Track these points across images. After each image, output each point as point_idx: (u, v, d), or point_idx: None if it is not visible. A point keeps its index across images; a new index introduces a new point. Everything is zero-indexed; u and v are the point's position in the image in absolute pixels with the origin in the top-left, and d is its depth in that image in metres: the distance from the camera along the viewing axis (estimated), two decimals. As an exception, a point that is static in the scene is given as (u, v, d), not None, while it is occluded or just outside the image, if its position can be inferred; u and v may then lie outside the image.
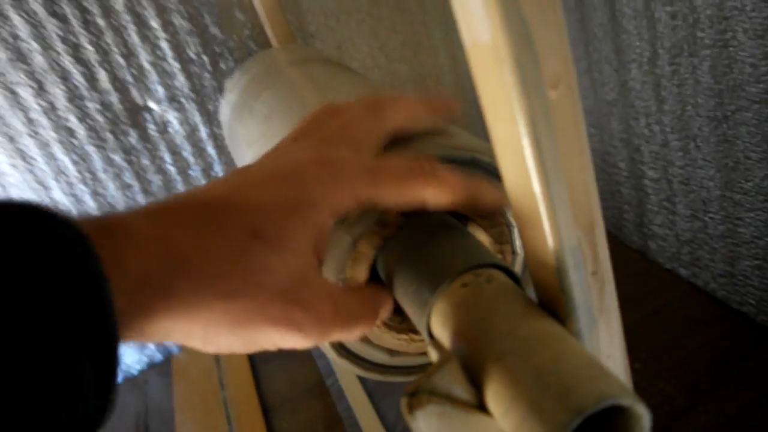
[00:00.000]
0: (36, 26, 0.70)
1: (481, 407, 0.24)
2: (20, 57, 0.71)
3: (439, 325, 0.26)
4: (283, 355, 0.78)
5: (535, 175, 0.21)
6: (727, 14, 0.48)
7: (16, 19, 0.69)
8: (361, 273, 0.32)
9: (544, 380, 0.21)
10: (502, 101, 0.20)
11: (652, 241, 0.74)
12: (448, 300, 0.26)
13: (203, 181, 0.85)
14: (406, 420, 0.23)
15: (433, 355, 0.26)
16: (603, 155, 0.75)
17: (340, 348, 0.34)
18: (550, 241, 0.23)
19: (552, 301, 0.25)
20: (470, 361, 0.24)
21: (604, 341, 0.26)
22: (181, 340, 0.22)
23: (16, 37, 0.70)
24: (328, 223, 0.26)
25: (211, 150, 0.83)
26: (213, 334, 0.22)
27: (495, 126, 0.22)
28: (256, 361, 0.83)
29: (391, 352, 0.35)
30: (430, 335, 0.26)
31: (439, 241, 0.29)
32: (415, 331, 0.35)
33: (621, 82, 0.65)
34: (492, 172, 0.32)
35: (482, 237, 0.33)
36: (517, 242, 0.35)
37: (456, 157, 0.31)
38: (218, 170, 0.85)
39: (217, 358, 0.86)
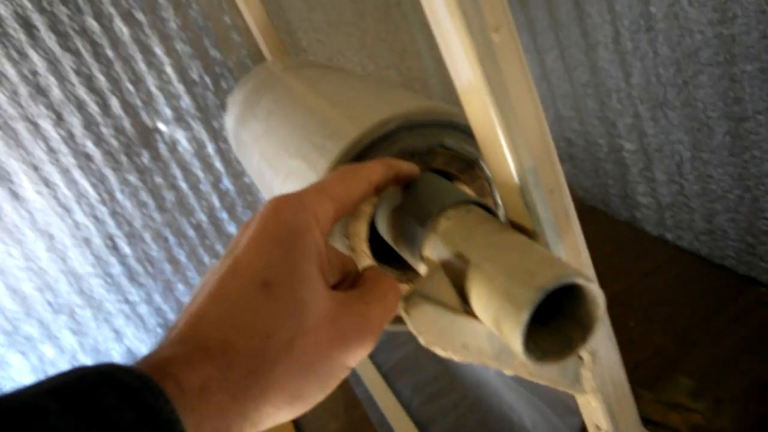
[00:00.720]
0: (52, 62, 0.77)
1: (466, 312, 0.29)
2: (39, 91, 0.77)
3: (429, 251, 0.31)
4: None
5: (492, 108, 0.27)
6: (673, -12, 0.54)
7: (35, 57, 0.76)
8: (362, 228, 0.37)
9: (513, 274, 0.26)
10: (457, 48, 0.25)
11: (637, 210, 0.79)
12: (435, 230, 0.31)
13: (213, 195, 0.90)
14: (404, 318, 0.28)
15: (423, 270, 0.31)
16: (584, 135, 0.80)
17: None
18: (511, 164, 0.28)
19: (520, 219, 0.30)
20: (456, 276, 0.29)
21: (569, 252, 0.31)
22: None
23: (35, 73, 0.76)
24: (322, 241, 0.26)
25: (218, 164, 0.89)
26: (285, 416, 0.24)
27: (457, 77, 0.27)
28: None
29: None
30: (421, 258, 0.31)
31: (425, 189, 0.34)
32: (410, 278, 0.39)
33: (591, 64, 0.71)
34: (466, 131, 0.37)
35: (466, 191, 0.38)
36: (498, 196, 0.40)
37: (436, 120, 0.36)
38: (227, 183, 0.90)
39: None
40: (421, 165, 0.36)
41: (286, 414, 0.24)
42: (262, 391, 0.23)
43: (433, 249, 0.30)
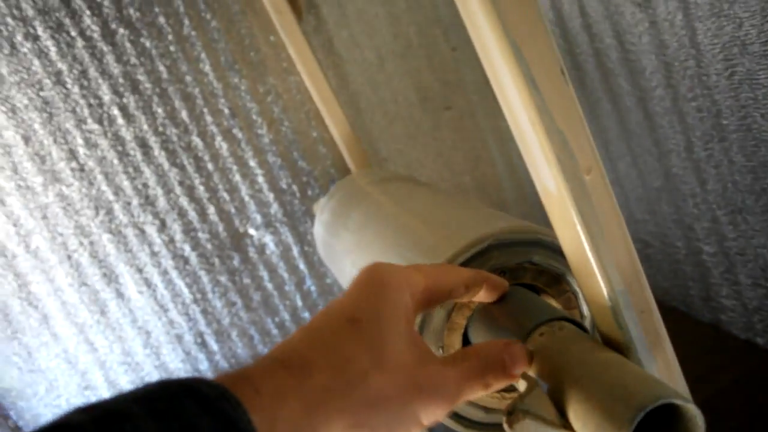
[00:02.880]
0: (161, 176, 0.86)
1: (566, 428, 0.30)
2: (148, 202, 0.86)
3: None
4: None
5: (584, 237, 0.29)
6: (743, 103, 0.57)
7: (147, 172, 0.85)
8: (456, 340, 0.40)
9: (612, 392, 0.28)
10: (553, 189, 0.29)
11: (722, 313, 0.78)
12: (530, 347, 0.33)
13: (297, 296, 0.95)
14: (507, 432, 0.30)
15: (522, 386, 0.32)
16: (660, 237, 0.81)
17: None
18: (602, 288, 0.30)
19: (612, 338, 0.32)
20: (553, 391, 0.31)
21: (661, 368, 0.32)
22: None
23: (146, 186, 0.85)
24: (410, 302, 0.29)
25: (302, 266, 0.94)
26: None
27: (550, 207, 0.30)
28: None
29: (487, 409, 0.41)
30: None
31: (518, 304, 0.36)
32: (506, 390, 0.41)
33: (664, 170, 0.73)
34: (552, 248, 0.40)
35: (553, 304, 0.41)
36: (584, 307, 0.42)
37: (525, 239, 0.39)
38: (309, 284, 0.95)
39: None
40: (510, 280, 0.39)
41: None
42: (333, 407, 0.25)
43: (529, 368, 0.32)
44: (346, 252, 0.62)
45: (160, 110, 0.84)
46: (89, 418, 0.19)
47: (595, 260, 0.30)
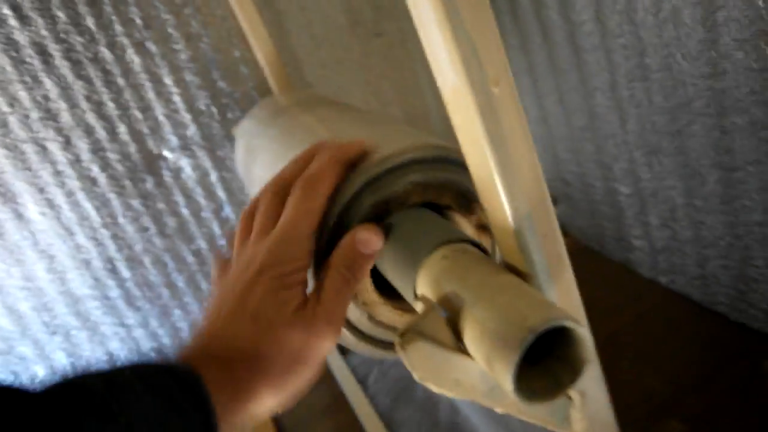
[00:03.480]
0: (65, 88, 0.79)
1: (461, 351, 0.30)
2: (50, 116, 0.79)
3: (422, 286, 0.32)
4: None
5: (490, 158, 0.28)
6: (666, 41, 0.56)
7: (48, 83, 0.78)
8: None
9: (506, 315, 0.27)
10: (460, 99, 0.27)
11: (631, 253, 0.81)
12: (430, 269, 0.32)
13: (214, 223, 0.91)
14: (399, 353, 0.29)
15: (419, 307, 0.32)
16: (581, 177, 0.82)
17: (356, 331, 0.39)
18: (507, 209, 0.29)
19: (514, 261, 0.31)
20: (451, 315, 0.30)
21: (561, 295, 0.32)
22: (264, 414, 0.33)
23: (47, 98, 0.78)
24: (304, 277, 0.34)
25: (220, 193, 0.91)
26: (277, 404, 0.33)
27: (457, 120, 0.29)
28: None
29: (395, 329, 0.40)
30: (416, 296, 0.32)
31: (421, 225, 0.35)
32: (408, 309, 0.40)
33: (589, 109, 0.73)
34: (460, 164, 0.38)
35: (464, 224, 0.40)
36: None
37: (449, 158, 0.38)
38: (228, 211, 0.92)
39: None
40: (430, 198, 0.37)
41: (278, 400, 0.32)
42: (257, 388, 0.31)
43: (428, 287, 0.31)
44: (262, 175, 0.59)
45: (60, 14, 0.76)
46: (102, 384, 0.26)
47: (500, 180, 0.29)
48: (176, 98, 0.85)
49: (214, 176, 0.90)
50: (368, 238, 0.35)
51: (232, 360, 0.31)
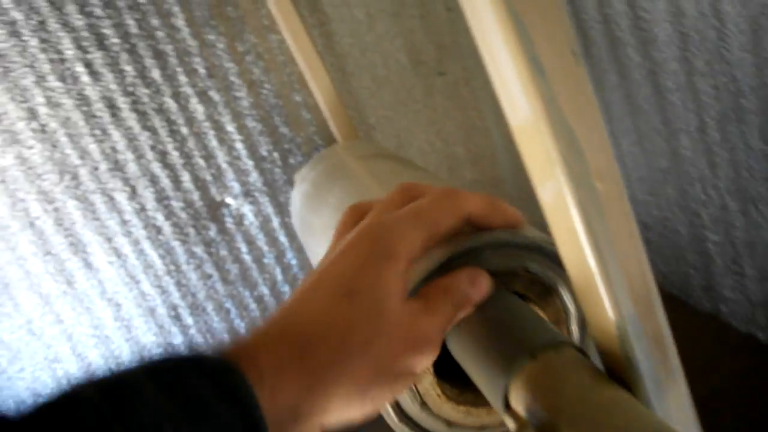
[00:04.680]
0: (131, 139, 0.79)
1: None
2: (117, 167, 0.80)
3: (514, 398, 0.28)
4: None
5: (591, 255, 0.24)
6: (768, 83, 0.51)
7: (116, 135, 0.79)
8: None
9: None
10: (557, 195, 0.23)
11: (723, 304, 0.74)
12: (522, 375, 0.28)
13: (277, 269, 0.90)
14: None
15: (511, 425, 0.28)
16: (662, 221, 0.76)
17: (401, 413, 0.36)
18: (610, 313, 0.25)
19: (618, 370, 0.27)
20: (544, 429, 0.26)
21: (673, 407, 0.28)
22: (334, 425, 0.27)
23: (114, 150, 0.79)
24: (405, 268, 0.29)
25: (282, 239, 0.89)
26: (352, 412, 0.27)
27: (551, 215, 0.25)
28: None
29: (449, 423, 0.37)
30: (507, 407, 0.29)
31: (517, 319, 0.31)
32: (474, 405, 0.36)
33: (672, 151, 0.68)
34: (551, 256, 0.34)
35: (541, 315, 0.36)
36: (573, 325, 0.37)
37: (523, 243, 0.34)
38: (290, 257, 0.90)
39: None
40: (501, 286, 0.34)
41: (355, 410, 0.27)
42: (334, 380, 0.25)
43: (518, 398, 0.28)
44: (324, 228, 0.57)
45: (129, 68, 0.78)
46: (96, 391, 0.20)
47: (603, 281, 0.25)
48: (238, 145, 0.85)
49: (276, 222, 0.88)
50: (482, 289, 0.31)
51: (305, 343, 0.25)
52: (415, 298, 0.29)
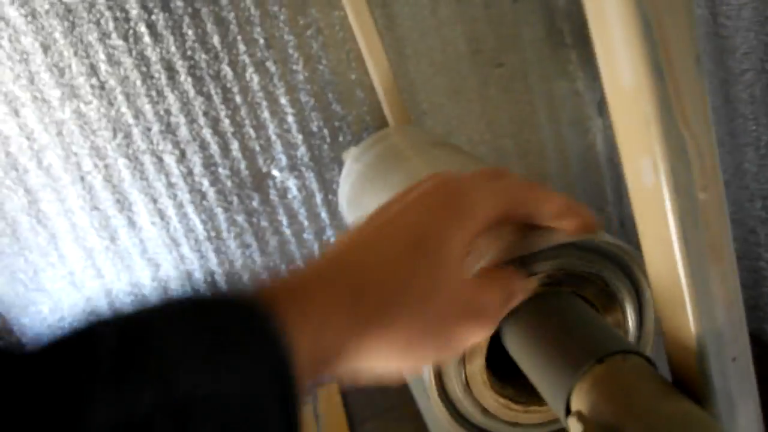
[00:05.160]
0: (185, 103, 0.80)
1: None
2: (170, 130, 0.81)
3: (578, 400, 0.28)
4: (381, 416, 0.80)
5: (682, 266, 0.24)
6: None
7: (171, 98, 0.79)
8: (480, 358, 0.34)
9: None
10: (655, 201, 0.23)
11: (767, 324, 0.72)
12: (591, 383, 0.27)
13: (315, 245, 0.91)
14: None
15: (575, 427, 0.27)
16: (714, 235, 0.74)
17: (442, 390, 0.35)
18: (692, 326, 0.25)
19: (690, 383, 0.27)
20: (610, 434, 0.25)
21: (742, 426, 0.27)
22: (367, 375, 0.26)
23: (168, 112, 0.80)
24: (474, 228, 0.28)
25: (324, 215, 0.89)
26: (392, 364, 0.26)
27: (644, 221, 0.24)
28: (354, 423, 0.85)
29: (486, 412, 0.36)
30: (568, 411, 0.28)
31: (582, 323, 0.31)
32: (514, 401, 0.36)
33: (735, 164, 0.66)
34: (627, 270, 0.34)
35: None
36: (630, 332, 0.36)
37: (603, 249, 0.33)
38: (329, 234, 0.90)
39: (317, 421, 0.89)
40: (570, 288, 0.33)
41: (398, 360, 0.25)
42: (383, 327, 0.24)
43: (586, 404, 0.27)
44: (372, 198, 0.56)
45: (190, 32, 0.78)
46: (115, 331, 0.18)
47: (690, 295, 0.24)
48: (290, 118, 0.85)
49: (319, 198, 0.89)
50: (522, 293, 0.30)
51: (362, 285, 0.24)
52: (476, 274, 0.29)
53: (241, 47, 0.80)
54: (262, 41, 0.80)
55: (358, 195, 0.65)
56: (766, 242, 0.66)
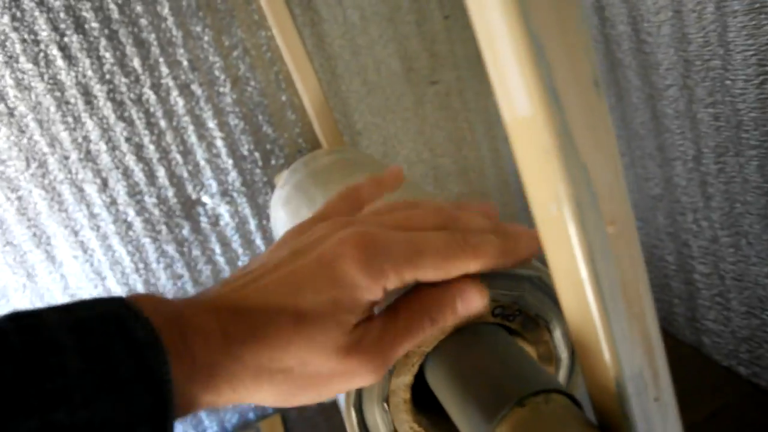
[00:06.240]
0: (106, 129, 0.76)
1: None
2: (89, 157, 0.76)
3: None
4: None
5: (595, 305, 0.22)
6: (772, 118, 0.49)
7: (90, 124, 0.75)
8: (408, 375, 0.32)
9: None
10: (562, 237, 0.21)
11: (705, 336, 0.72)
12: (508, 423, 0.26)
13: (251, 271, 0.87)
14: None
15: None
16: (650, 248, 0.75)
17: (358, 398, 0.33)
18: (610, 369, 0.23)
19: (614, 426, 0.25)
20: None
21: (669, 468, 0.25)
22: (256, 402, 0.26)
23: (87, 139, 0.75)
24: (377, 298, 0.27)
25: (259, 242, 0.86)
26: (280, 399, 0.26)
27: (553, 257, 0.22)
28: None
29: None
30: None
31: (499, 359, 0.29)
32: None
33: (665, 178, 0.66)
34: (547, 291, 0.32)
35: (529, 351, 0.33)
36: (561, 368, 0.34)
37: (524, 274, 0.31)
38: (266, 260, 0.87)
39: (258, 451, 0.85)
40: (498, 320, 0.32)
41: (261, 403, 0.26)
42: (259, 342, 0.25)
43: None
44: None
45: (107, 55, 0.74)
46: (20, 342, 0.20)
47: (605, 334, 0.22)
48: (219, 142, 0.81)
49: (252, 224, 0.85)
50: (476, 302, 0.29)
51: (236, 309, 0.25)
52: (379, 315, 0.28)
53: (164, 70, 0.76)
54: (186, 63, 0.77)
55: (286, 220, 0.62)
56: (700, 255, 0.66)
